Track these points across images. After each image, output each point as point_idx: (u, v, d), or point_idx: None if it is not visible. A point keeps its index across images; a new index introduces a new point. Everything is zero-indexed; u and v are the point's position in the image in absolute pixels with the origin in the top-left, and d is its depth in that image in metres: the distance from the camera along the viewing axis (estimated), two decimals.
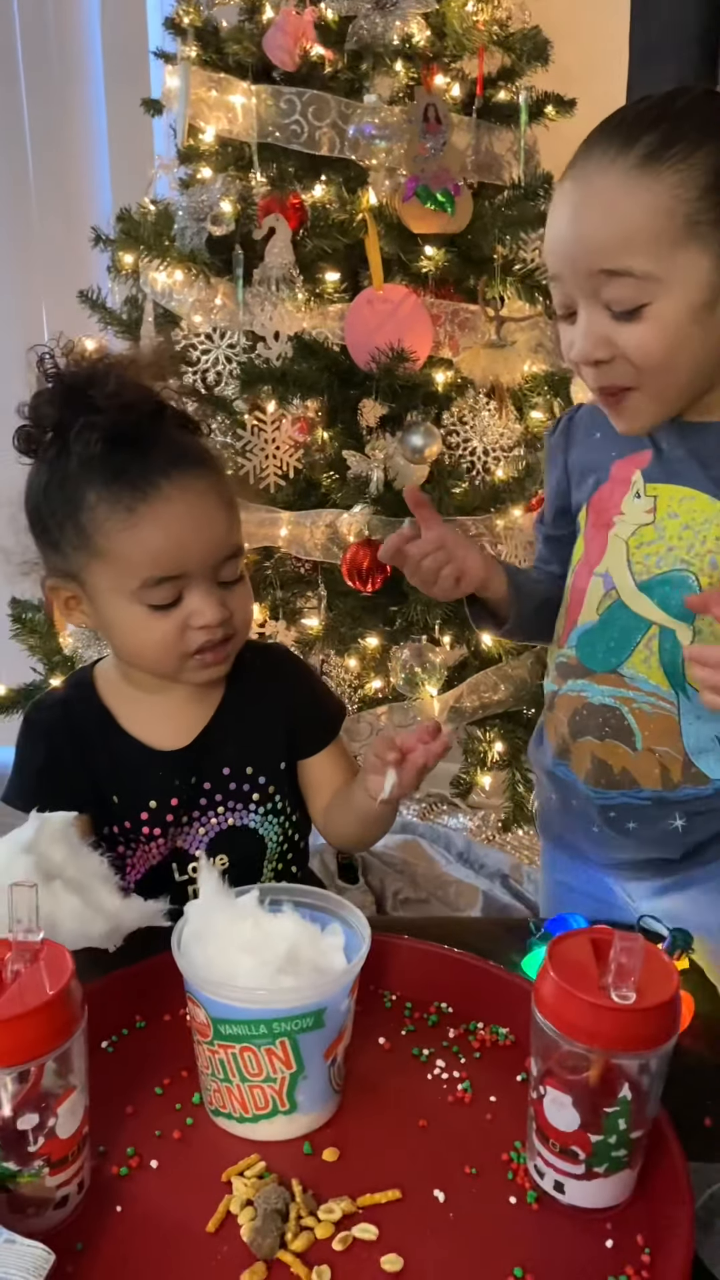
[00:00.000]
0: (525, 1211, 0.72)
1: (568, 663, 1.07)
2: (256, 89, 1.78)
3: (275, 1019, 0.73)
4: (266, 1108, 0.76)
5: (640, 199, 0.85)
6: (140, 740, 1.05)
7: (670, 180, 0.84)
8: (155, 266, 1.82)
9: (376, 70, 1.78)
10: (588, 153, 0.89)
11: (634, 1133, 0.70)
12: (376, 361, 1.71)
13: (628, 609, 1.01)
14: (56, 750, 1.04)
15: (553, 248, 0.92)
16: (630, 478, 1.02)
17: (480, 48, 1.84)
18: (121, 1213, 0.70)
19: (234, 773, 1.06)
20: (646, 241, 0.85)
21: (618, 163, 0.86)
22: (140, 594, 0.95)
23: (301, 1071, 0.75)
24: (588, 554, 1.06)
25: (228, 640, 1.00)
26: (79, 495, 0.95)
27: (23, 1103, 0.66)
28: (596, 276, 0.88)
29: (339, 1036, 0.77)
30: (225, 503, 0.98)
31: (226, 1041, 0.75)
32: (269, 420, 1.78)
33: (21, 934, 0.69)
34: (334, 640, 1.87)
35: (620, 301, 0.88)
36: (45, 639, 2.07)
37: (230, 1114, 0.77)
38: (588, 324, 0.90)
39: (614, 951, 0.68)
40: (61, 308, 2.39)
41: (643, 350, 0.88)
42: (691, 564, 0.97)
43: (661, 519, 0.99)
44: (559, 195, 0.92)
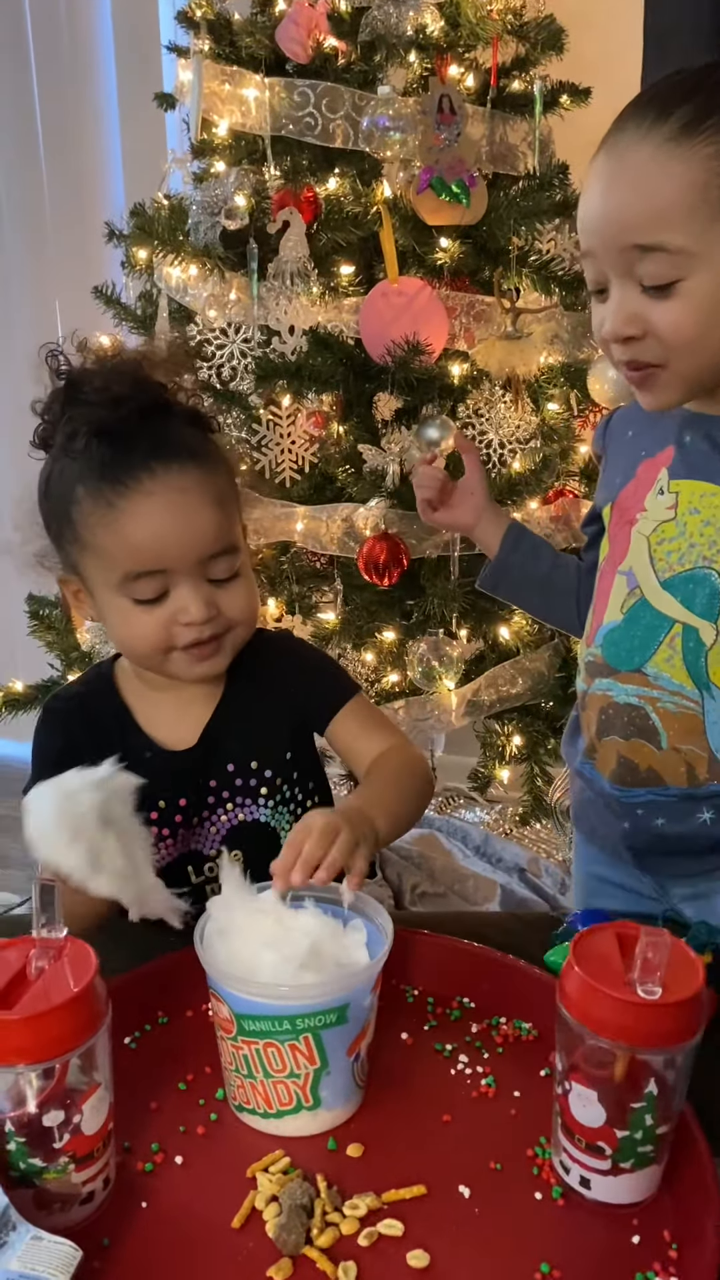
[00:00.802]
0: (551, 1207, 0.72)
1: (595, 662, 1.06)
2: (270, 82, 1.77)
3: (298, 1015, 0.73)
4: (291, 1103, 0.76)
5: (674, 172, 0.84)
6: (153, 739, 1.05)
7: (705, 153, 0.83)
8: (169, 261, 1.82)
9: (390, 61, 1.77)
10: (621, 127, 0.88)
11: (660, 1128, 0.70)
12: (392, 354, 1.71)
13: (651, 607, 1.00)
14: (73, 740, 1.04)
15: (585, 224, 0.91)
16: (655, 476, 1.02)
17: (494, 37, 1.83)
18: (147, 1209, 0.71)
19: (239, 769, 1.06)
20: (680, 216, 0.84)
21: (651, 136, 0.85)
22: (123, 588, 0.96)
23: (325, 1067, 0.75)
24: (612, 552, 1.06)
25: (218, 637, 0.99)
26: (69, 490, 0.96)
27: (48, 1099, 0.66)
28: (629, 252, 0.87)
29: (362, 1032, 0.77)
30: (214, 499, 0.96)
31: (250, 1037, 0.75)
32: (284, 415, 1.78)
33: (45, 931, 0.69)
34: (351, 634, 1.87)
35: (653, 277, 0.87)
36: (63, 635, 2.08)
37: (255, 1110, 0.77)
38: (619, 301, 0.89)
39: (640, 946, 0.67)
40: (75, 304, 2.39)
41: (674, 327, 0.87)
42: (714, 561, 0.96)
43: (683, 515, 0.98)
44: (592, 171, 0.90)
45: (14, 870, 2.43)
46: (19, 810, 0.83)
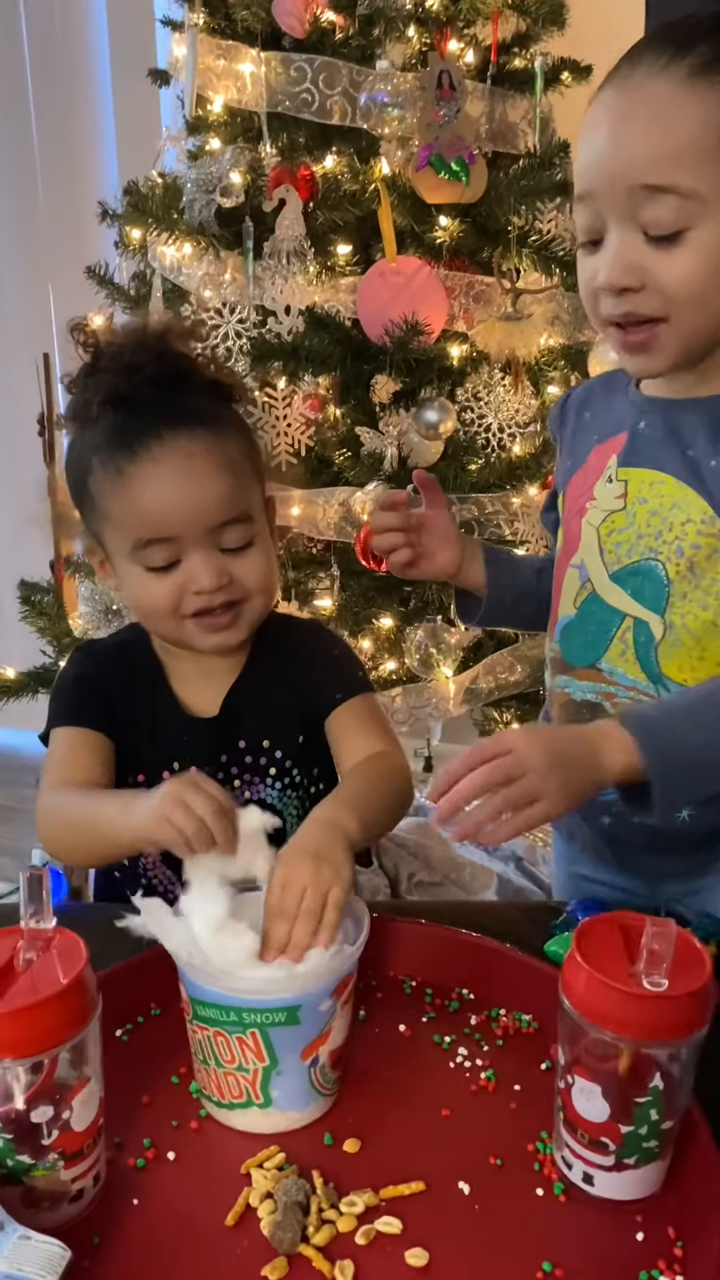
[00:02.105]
0: (553, 1204, 0.70)
1: (555, 658, 1.04)
2: (266, 57, 1.74)
3: (244, 1008, 0.71)
4: (241, 1097, 0.74)
5: (694, 109, 0.78)
6: (181, 701, 1.05)
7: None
8: (163, 241, 1.79)
9: (389, 36, 1.74)
10: (635, 60, 0.82)
11: (665, 1123, 0.68)
12: (390, 335, 1.68)
13: (601, 601, 0.97)
14: (104, 673, 1.05)
15: (588, 162, 0.85)
16: (605, 464, 0.98)
17: (495, 12, 1.80)
18: (138, 1206, 0.69)
19: (250, 746, 1.05)
20: (696, 157, 0.79)
21: (670, 69, 0.79)
22: (136, 555, 0.96)
23: (275, 1066, 0.73)
24: (565, 544, 1.03)
25: (232, 606, 0.98)
26: (87, 459, 0.98)
27: (36, 1094, 0.64)
28: (636, 193, 0.81)
29: (320, 1037, 0.74)
30: (225, 465, 0.96)
31: (202, 1023, 0.74)
32: (280, 397, 1.75)
33: (34, 921, 0.67)
34: (347, 621, 1.85)
35: (659, 224, 0.81)
36: (55, 621, 2.06)
37: (211, 1097, 0.76)
38: (619, 247, 0.83)
39: (645, 937, 0.65)
40: (68, 284, 2.36)
41: (681, 279, 0.82)
42: (660, 552, 0.92)
43: (632, 504, 0.95)
44: (598, 106, 0.84)
45: (5, 859, 2.41)
46: (12, 798, 0.81)
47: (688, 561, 0.91)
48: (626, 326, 0.87)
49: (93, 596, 1.94)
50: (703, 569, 0.90)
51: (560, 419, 1.09)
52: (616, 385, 1.03)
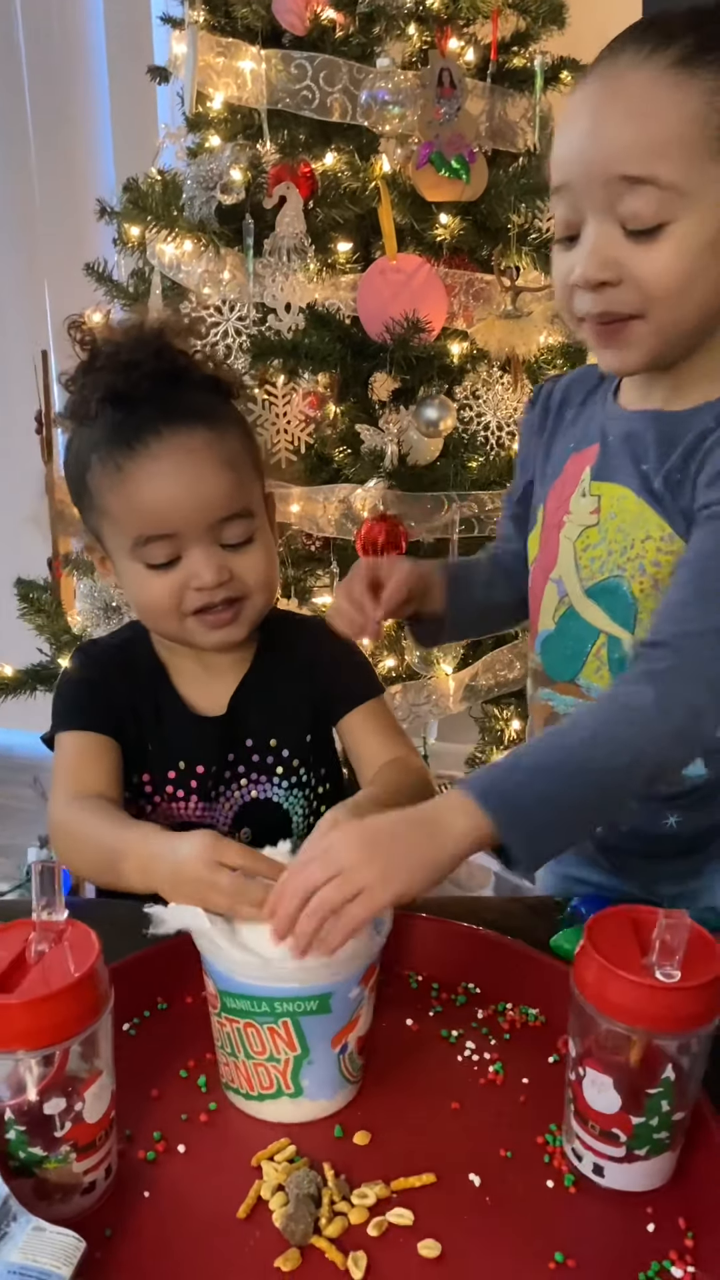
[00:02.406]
0: (563, 1195, 0.70)
1: (537, 670, 1.03)
2: (266, 54, 1.74)
3: (277, 998, 0.71)
4: (272, 1088, 0.74)
5: (675, 100, 0.77)
6: (185, 699, 1.05)
7: (708, 86, 0.77)
8: (163, 238, 1.78)
9: (389, 34, 1.73)
10: (617, 50, 0.80)
11: (676, 1114, 0.68)
12: (390, 333, 1.68)
13: (578, 616, 0.96)
14: (107, 674, 1.05)
15: (567, 152, 0.82)
16: (580, 475, 0.96)
17: (495, 11, 1.80)
18: (150, 1199, 0.69)
19: (257, 744, 1.05)
20: (676, 148, 0.77)
21: (652, 59, 0.78)
22: (136, 552, 0.96)
23: (306, 1055, 0.73)
24: (543, 557, 1.00)
25: (234, 603, 0.98)
26: (86, 456, 0.97)
27: (49, 1086, 0.64)
28: (615, 184, 0.79)
29: (349, 1024, 0.74)
30: (224, 461, 0.95)
31: (232, 1015, 0.73)
32: (280, 394, 1.75)
33: (46, 913, 0.67)
34: None
35: (638, 217, 0.79)
36: (52, 618, 2.05)
37: (239, 1090, 0.76)
38: (596, 241, 0.81)
39: (658, 929, 0.66)
40: (65, 281, 2.35)
41: (657, 274, 0.80)
42: (625, 569, 0.91)
43: (604, 520, 0.93)
44: (578, 97, 0.82)
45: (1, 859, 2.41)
46: (9, 797, 0.81)
47: (651, 579, 0.90)
48: (601, 324, 0.85)
49: (91, 594, 1.93)
50: (666, 585, 0.88)
51: (546, 408, 1.05)
52: (594, 386, 1.01)
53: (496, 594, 1.11)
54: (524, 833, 0.72)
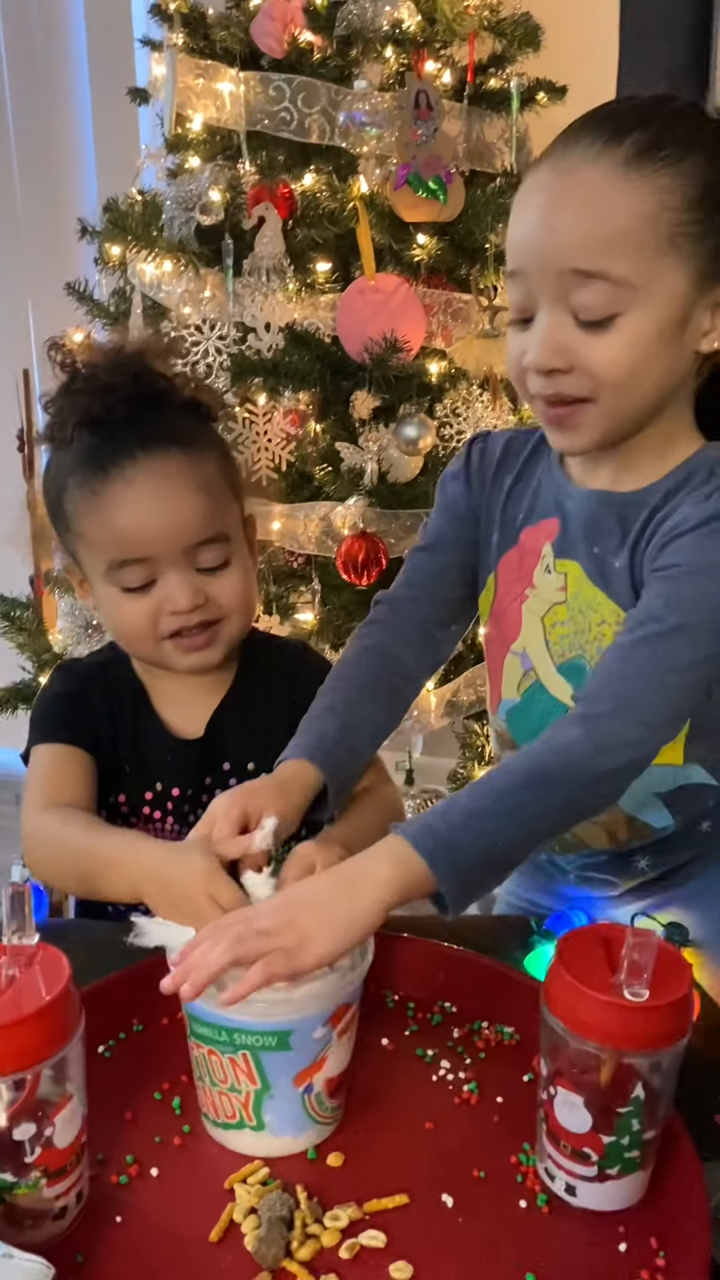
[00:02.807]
0: (536, 1215, 0.70)
1: (501, 734, 1.03)
2: (245, 76, 1.75)
3: (235, 1029, 0.71)
4: (235, 1118, 0.74)
5: (628, 197, 0.78)
6: (164, 721, 1.05)
7: (658, 183, 0.79)
8: (143, 258, 1.79)
9: (366, 56, 1.75)
10: (570, 143, 0.82)
11: (647, 1133, 0.68)
12: (369, 352, 1.69)
13: (546, 691, 0.96)
14: (87, 691, 1.04)
15: (521, 241, 0.84)
16: (540, 548, 0.96)
17: (471, 33, 1.82)
18: (122, 1223, 0.69)
19: (235, 768, 1.05)
20: (628, 244, 0.79)
21: (605, 156, 0.79)
22: (111, 576, 0.96)
23: (267, 1090, 0.72)
24: (500, 628, 1.00)
25: (209, 626, 0.98)
26: (63, 480, 0.98)
27: (19, 1111, 0.64)
28: (568, 277, 0.80)
29: (314, 1065, 0.73)
30: (200, 485, 0.96)
31: (197, 1040, 0.74)
32: (260, 413, 1.76)
33: (16, 937, 0.67)
34: (329, 635, 1.85)
35: (590, 309, 0.80)
36: (34, 637, 2.05)
37: (208, 1116, 0.76)
38: (548, 329, 0.82)
39: (626, 948, 0.66)
40: (47, 300, 2.36)
41: (608, 363, 0.81)
42: (585, 650, 0.92)
43: (570, 598, 0.93)
44: (532, 185, 0.84)
45: None
46: None
47: None
48: (552, 405, 0.86)
49: (72, 612, 1.93)
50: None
51: (480, 465, 1.02)
52: (531, 454, 0.99)
53: (387, 730, 0.99)
54: (457, 874, 0.73)
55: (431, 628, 1.02)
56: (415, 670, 1.01)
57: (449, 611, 1.03)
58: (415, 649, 1.01)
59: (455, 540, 1.03)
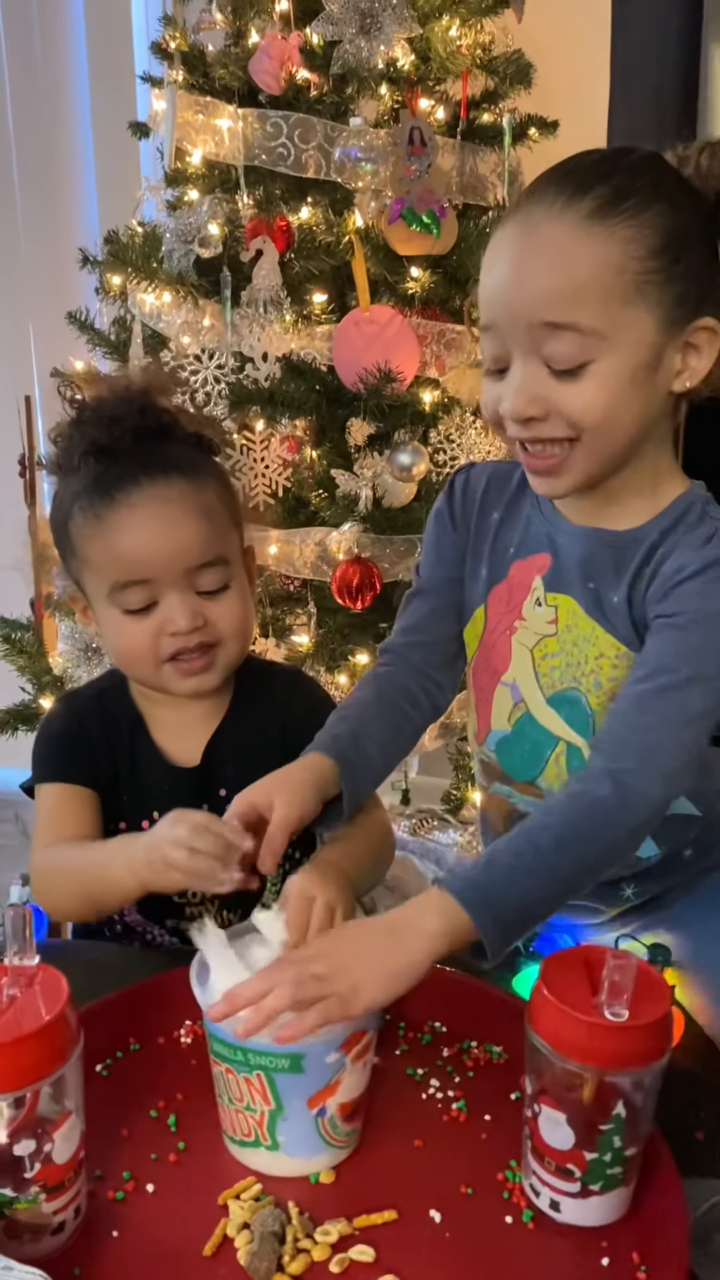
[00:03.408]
0: (522, 1230, 0.72)
1: (489, 765, 1.04)
2: (243, 112, 1.79)
3: (249, 1050, 0.73)
4: (251, 1137, 0.75)
5: (593, 250, 0.81)
6: (161, 750, 1.07)
7: (622, 235, 0.81)
8: (143, 288, 1.83)
9: (362, 94, 1.79)
10: (535, 199, 0.84)
11: (629, 1150, 0.70)
12: (364, 382, 1.72)
13: (536, 722, 0.98)
14: (86, 727, 1.07)
15: (492, 295, 0.87)
16: (530, 582, 0.98)
17: (464, 71, 1.86)
18: (118, 1238, 0.71)
19: (231, 794, 1.06)
20: (595, 295, 0.81)
21: (569, 211, 0.82)
22: (113, 598, 0.99)
23: (281, 1111, 0.74)
24: (490, 659, 1.01)
25: (208, 649, 1.01)
26: (69, 507, 1.01)
27: (19, 1128, 0.66)
28: (538, 329, 0.83)
29: (328, 1088, 0.75)
30: (201, 510, 0.99)
31: (216, 1058, 0.75)
32: (257, 439, 1.79)
33: (17, 958, 0.69)
34: (324, 657, 1.87)
35: (561, 359, 0.83)
36: (34, 659, 2.07)
37: (228, 1133, 0.77)
38: (523, 379, 0.85)
39: (607, 970, 0.68)
40: (48, 328, 2.40)
41: (584, 409, 0.84)
42: (581, 683, 0.94)
43: (561, 631, 0.96)
44: (500, 241, 0.86)
45: None
46: None
47: (607, 694, 0.93)
48: (532, 450, 0.88)
49: (73, 635, 1.96)
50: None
51: (463, 499, 1.04)
52: (517, 490, 1.01)
53: (397, 748, 1.02)
54: (500, 928, 0.76)
55: (431, 670, 1.05)
56: (424, 704, 1.05)
57: (449, 651, 1.06)
58: (421, 689, 1.04)
59: (444, 581, 1.06)
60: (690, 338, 0.85)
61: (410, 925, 0.76)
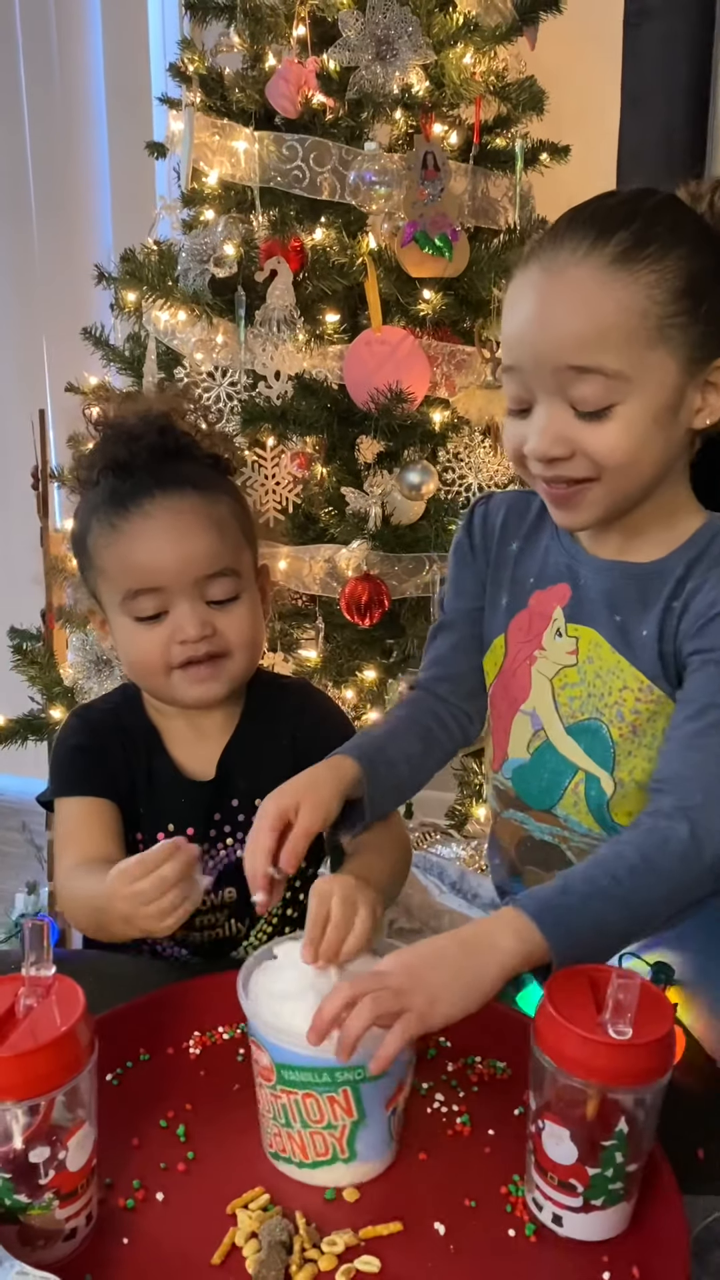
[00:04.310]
0: (524, 1244, 0.73)
1: (505, 791, 1.05)
2: (259, 135, 1.82)
3: (339, 1068, 0.74)
4: (327, 1154, 0.77)
5: (617, 295, 0.83)
6: (177, 763, 1.09)
7: (646, 280, 0.83)
8: (158, 306, 1.85)
9: (376, 118, 1.82)
10: (557, 243, 0.85)
11: (630, 1166, 0.72)
12: (375, 401, 1.75)
13: (556, 751, 0.99)
14: (103, 740, 1.09)
15: (516, 339, 0.88)
16: (550, 612, 0.99)
17: (478, 97, 1.89)
18: (128, 1245, 0.72)
19: (243, 805, 1.09)
20: (620, 340, 0.83)
21: (592, 256, 0.83)
22: (125, 606, 1.02)
23: (363, 1120, 0.76)
24: (509, 688, 1.02)
25: (216, 659, 1.03)
26: (88, 520, 1.05)
27: (34, 1136, 0.67)
28: (564, 372, 0.84)
29: (400, 1087, 0.78)
30: (212, 523, 1.02)
31: (290, 1087, 0.76)
32: (269, 456, 1.81)
33: (35, 969, 0.71)
34: (331, 672, 1.89)
35: (587, 401, 0.85)
36: (45, 669, 2.09)
37: (290, 1159, 0.78)
38: (548, 420, 0.87)
39: (611, 988, 0.70)
40: (62, 343, 2.43)
41: (609, 449, 0.86)
42: (603, 714, 0.95)
43: (582, 662, 0.97)
44: (523, 285, 0.88)
45: None
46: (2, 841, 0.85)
47: (630, 726, 0.94)
48: (553, 486, 0.90)
49: (83, 647, 1.98)
50: (644, 729, 0.93)
51: (483, 530, 1.06)
52: (536, 520, 1.03)
53: (424, 765, 1.05)
54: (573, 951, 0.77)
55: (459, 701, 1.08)
56: (454, 731, 1.08)
57: (474, 683, 1.08)
58: (451, 716, 1.08)
59: (466, 613, 1.08)
60: (711, 376, 0.87)
61: (485, 942, 0.77)
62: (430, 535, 1.80)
